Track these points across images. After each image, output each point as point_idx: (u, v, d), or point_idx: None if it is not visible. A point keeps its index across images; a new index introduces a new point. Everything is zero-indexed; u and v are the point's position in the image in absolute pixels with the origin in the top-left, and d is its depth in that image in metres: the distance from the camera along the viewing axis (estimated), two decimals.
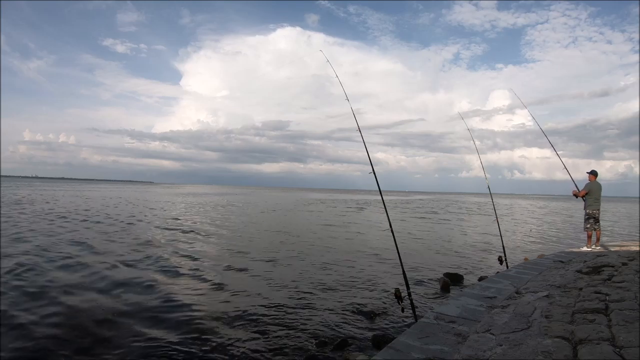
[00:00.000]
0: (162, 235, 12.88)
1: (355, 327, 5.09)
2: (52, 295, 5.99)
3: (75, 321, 4.98)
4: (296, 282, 7.34)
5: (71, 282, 6.71)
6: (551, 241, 14.10)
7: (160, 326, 4.96)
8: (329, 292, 6.68)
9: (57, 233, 12.32)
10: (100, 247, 10.16)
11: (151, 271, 7.83)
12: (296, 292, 6.64)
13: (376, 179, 5.25)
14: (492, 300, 4.17)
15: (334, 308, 5.80)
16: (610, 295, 3.65)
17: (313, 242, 12.61)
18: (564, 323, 3.05)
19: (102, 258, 8.74)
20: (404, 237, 13.58)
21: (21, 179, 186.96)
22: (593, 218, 7.80)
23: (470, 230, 17.71)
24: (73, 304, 5.61)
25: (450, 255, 10.55)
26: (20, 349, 4.17)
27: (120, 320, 5.08)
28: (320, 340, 4.58)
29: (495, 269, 7.97)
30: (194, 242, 11.90)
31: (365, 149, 5.44)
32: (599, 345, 2.48)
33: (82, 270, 7.63)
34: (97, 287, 6.50)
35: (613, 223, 22.53)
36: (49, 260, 8.28)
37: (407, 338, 3.15)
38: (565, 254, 7.63)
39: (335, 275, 7.91)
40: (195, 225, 16.22)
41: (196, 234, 13.74)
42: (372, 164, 5.25)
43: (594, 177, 7.81)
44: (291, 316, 5.42)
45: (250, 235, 13.80)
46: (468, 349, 2.84)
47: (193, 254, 9.79)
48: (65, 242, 10.65)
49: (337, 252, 10.59)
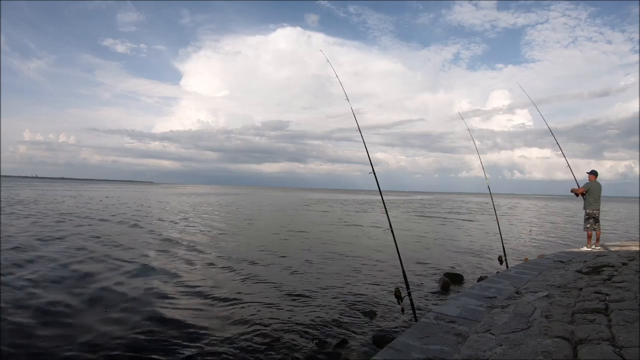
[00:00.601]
0: (178, 235, 12.89)
1: (355, 327, 5.09)
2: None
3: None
4: (296, 281, 7.34)
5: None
6: (551, 241, 14.10)
7: (161, 322, 4.97)
8: (328, 291, 6.68)
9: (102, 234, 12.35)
10: (126, 244, 10.19)
11: (155, 269, 7.84)
12: (296, 291, 6.64)
13: (376, 179, 5.25)
14: (492, 300, 4.17)
15: (334, 308, 5.80)
16: (610, 295, 3.65)
17: (313, 241, 12.60)
18: (564, 323, 3.05)
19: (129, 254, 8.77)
20: (404, 237, 13.58)
21: (21, 179, 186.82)
22: (593, 218, 7.80)
23: (470, 230, 17.70)
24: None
25: (450, 255, 10.55)
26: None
27: (118, 317, 5.09)
28: (320, 340, 4.58)
29: (495, 269, 7.98)
30: (200, 241, 11.91)
31: (365, 149, 5.44)
32: (599, 345, 2.48)
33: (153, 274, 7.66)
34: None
35: (613, 223, 22.52)
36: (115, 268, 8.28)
37: (407, 338, 3.15)
38: (565, 254, 7.63)
39: (335, 275, 7.91)
40: (202, 225, 16.24)
41: (204, 234, 13.76)
42: (372, 164, 5.25)
43: (594, 177, 7.82)
44: (291, 316, 5.42)
45: (250, 235, 13.80)
46: (468, 349, 2.84)
47: (194, 254, 9.81)
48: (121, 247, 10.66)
49: (337, 252, 10.58)
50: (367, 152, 5.40)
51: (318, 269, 8.51)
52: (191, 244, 11.44)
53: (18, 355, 4.06)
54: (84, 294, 6.10)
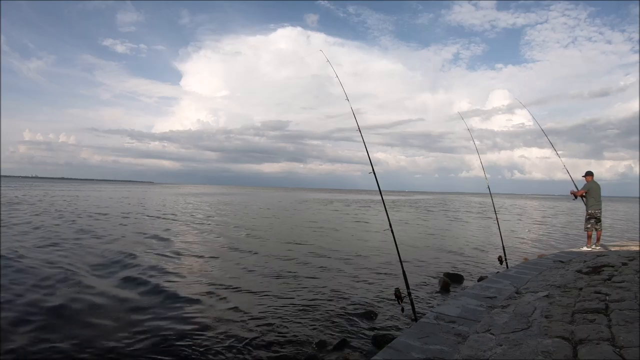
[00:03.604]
0: (183, 233, 12.90)
1: (355, 327, 5.09)
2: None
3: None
4: (296, 281, 7.34)
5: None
6: (551, 241, 14.10)
7: (160, 321, 4.97)
8: (328, 291, 6.68)
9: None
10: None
11: (156, 268, 7.84)
12: (295, 291, 6.64)
13: (376, 179, 5.24)
14: (492, 300, 4.17)
15: (334, 308, 5.80)
16: (610, 295, 3.65)
17: (313, 241, 12.59)
18: (564, 323, 3.04)
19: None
20: (404, 237, 13.58)
21: (21, 179, 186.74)
22: (594, 218, 7.81)
23: (470, 230, 17.70)
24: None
25: (450, 255, 10.55)
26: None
27: (119, 315, 5.09)
28: (320, 340, 4.58)
29: (495, 269, 7.97)
30: (202, 240, 11.92)
31: (365, 149, 5.43)
32: (599, 345, 2.48)
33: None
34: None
35: (613, 223, 22.51)
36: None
37: (407, 338, 3.15)
38: (565, 254, 7.63)
39: (335, 275, 7.90)
40: (205, 225, 16.26)
41: (207, 234, 13.78)
42: (372, 164, 5.24)
43: (591, 177, 7.89)
44: (290, 316, 5.42)
45: (251, 235, 13.79)
46: (468, 349, 2.84)
47: (196, 254, 9.83)
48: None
49: (337, 252, 10.58)
50: (367, 152, 5.39)
51: (317, 268, 8.50)
52: (199, 242, 11.43)
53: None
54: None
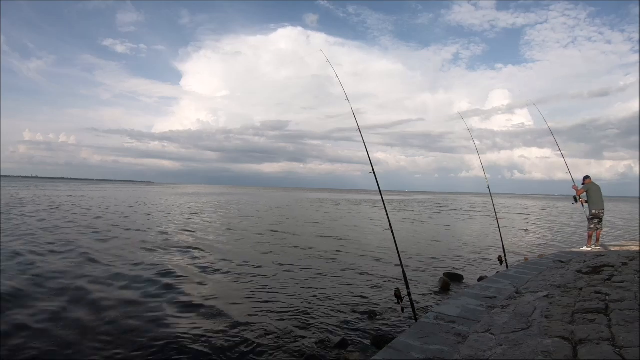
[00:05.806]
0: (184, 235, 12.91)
1: (355, 327, 5.09)
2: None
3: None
4: (296, 281, 7.34)
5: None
6: (551, 241, 14.10)
7: (162, 324, 4.97)
8: (328, 292, 6.68)
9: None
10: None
11: (158, 268, 7.84)
12: (295, 291, 6.64)
13: (376, 179, 5.24)
14: (492, 300, 4.17)
15: (334, 308, 5.80)
16: (610, 295, 3.65)
17: (313, 241, 12.59)
18: (564, 323, 3.04)
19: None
20: (404, 237, 13.58)
21: (21, 179, 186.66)
22: (598, 218, 7.83)
23: (470, 230, 17.70)
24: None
25: (450, 255, 10.54)
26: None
27: (123, 321, 5.09)
28: (320, 340, 4.58)
29: (495, 269, 7.97)
30: (203, 240, 11.93)
31: (365, 148, 5.43)
32: (599, 345, 2.48)
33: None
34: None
35: (613, 222, 22.51)
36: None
37: (407, 338, 3.15)
38: (565, 254, 7.63)
39: (335, 275, 7.90)
40: (205, 226, 16.26)
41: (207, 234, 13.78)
42: (372, 163, 5.24)
43: (589, 180, 8.03)
44: (290, 316, 5.42)
45: (250, 235, 13.79)
46: (468, 349, 2.84)
47: (197, 253, 9.83)
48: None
49: (337, 252, 10.58)
50: (367, 152, 5.39)
51: (317, 268, 8.50)
52: (198, 243, 11.44)
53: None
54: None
